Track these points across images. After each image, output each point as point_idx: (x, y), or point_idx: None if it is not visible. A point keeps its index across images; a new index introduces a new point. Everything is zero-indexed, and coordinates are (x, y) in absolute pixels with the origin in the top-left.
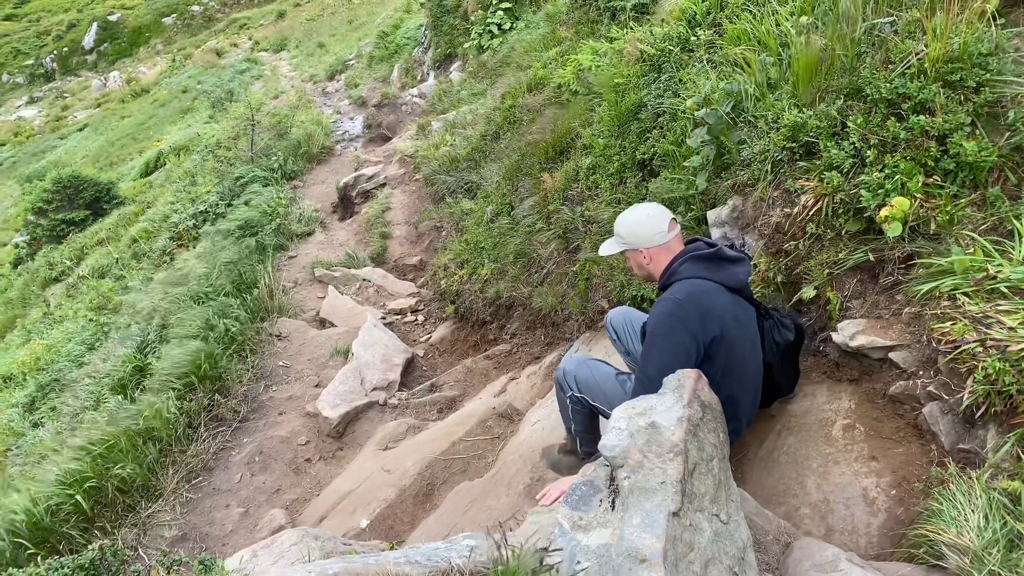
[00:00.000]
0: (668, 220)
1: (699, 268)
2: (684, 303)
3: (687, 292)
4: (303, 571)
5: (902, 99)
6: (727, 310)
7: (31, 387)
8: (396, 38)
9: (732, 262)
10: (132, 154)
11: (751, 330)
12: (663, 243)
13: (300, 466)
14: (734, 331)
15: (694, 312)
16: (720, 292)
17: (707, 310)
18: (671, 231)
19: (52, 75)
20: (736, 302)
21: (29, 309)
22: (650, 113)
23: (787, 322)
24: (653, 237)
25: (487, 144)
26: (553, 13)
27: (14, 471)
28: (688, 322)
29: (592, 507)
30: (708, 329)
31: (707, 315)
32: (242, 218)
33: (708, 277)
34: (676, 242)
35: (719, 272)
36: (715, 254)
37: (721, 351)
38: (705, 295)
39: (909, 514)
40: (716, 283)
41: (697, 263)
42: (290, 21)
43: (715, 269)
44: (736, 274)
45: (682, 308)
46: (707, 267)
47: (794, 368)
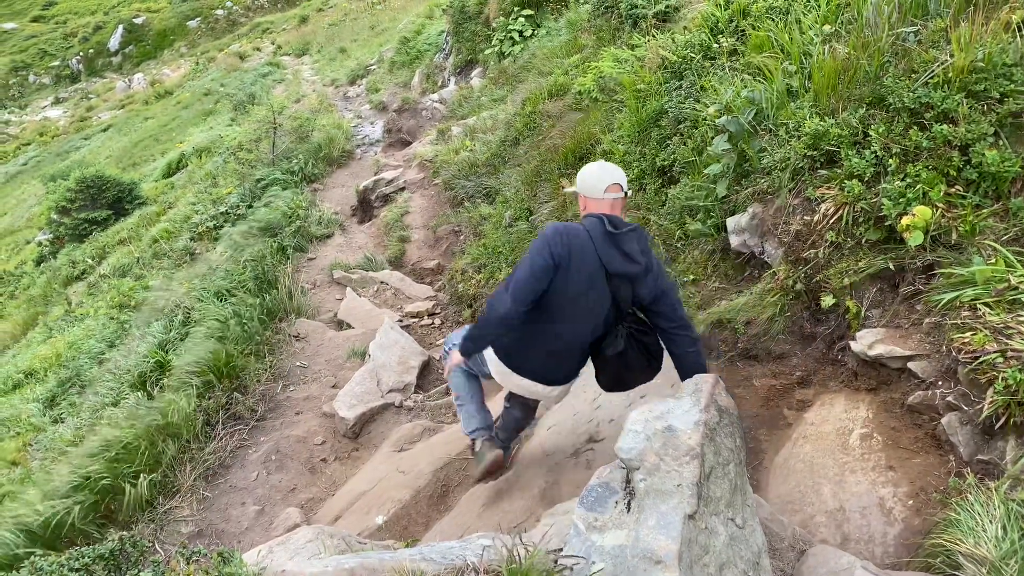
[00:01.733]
0: (609, 184)
1: (595, 228)
2: (557, 228)
3: (565, 225)
4: (320, 566)
5: (925, 108)
6: (587, 264)
7: (52, 383)
8: (417, 44)
9: (621, 252)
10: (155, 155)
11: (600, 305)
12: (596, 198)
13: (316, 466)
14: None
15: (559, 238)
16: (592, 252)
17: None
18: (607, 194)
19: (78, 76)
20: (600, 273)
21: (51, 306)
22: (671, 120)
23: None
24: (591, 190)
25: (506, 149)
26: (574, 20)
27: (35, 465)
28: (550, 242)
29: (608, 509)
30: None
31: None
32: (263, 219)
33: (592, 238)
34: (608, 204)
35: (602, 243)
36: (614, 234)
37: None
38: (576, 236)
39: (926, 524)
40: (593, 246)
41: (596, 223)
42: (312, 26)
43: (602, 239)
44: (614, 259)
45: (553, 231)
46: (599, 231)
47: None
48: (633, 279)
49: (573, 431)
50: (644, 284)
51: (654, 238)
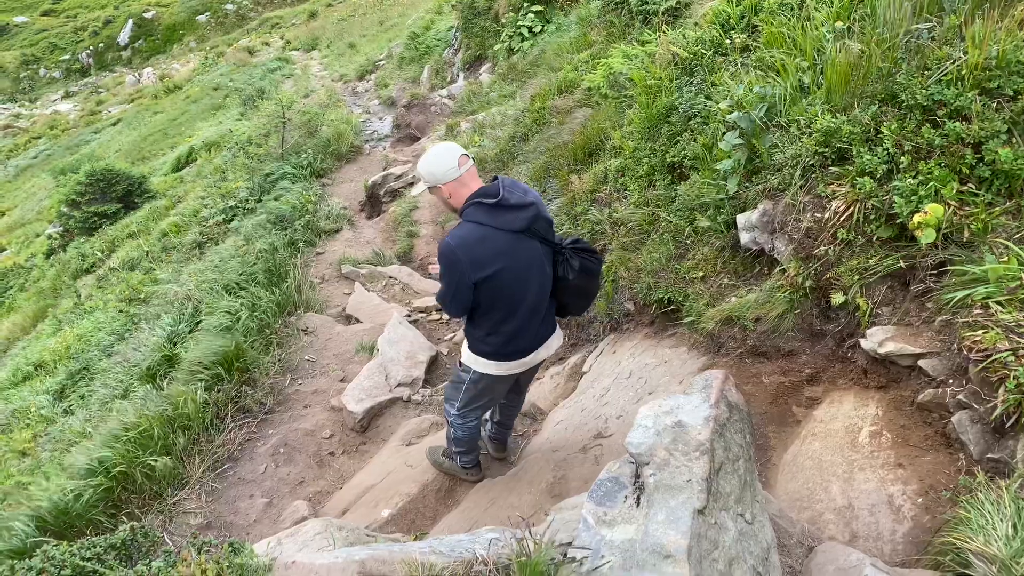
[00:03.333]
0: (457, 156)
1: (480, 214)
2: (456, 249)
3: (460, 239)
4: (330, 557)
5: (938, 106)
6: (501, 252)
7: (61, 375)
8: (427, 39)
9: (515, 208)
10: (164, 149)
11: (533, 264)
12: (456, 178)
13: (324, 459)
14: (508, 269)
15: (464, 258)
16: (496, 235)
17: (476, 257)
18: (462, 166)
19: (88, 70)
20: (516, 240)
21: (60, 299)
22: (681, 116)
23: (574, 261)
24: (447, 173)
25: (515, 145)
26: (584, 16)
27: (44, 456)
28: (457, 266)
29: (617, 503)
30: (475, 272)
31: (475, 261)
32: (274, 211)
33: (486, 223)
34: (470, 177)
35: (498, 218)
36: (496, 203)
37: (492, 285)
38: (478, 242)
39: (936, 522)
40: (494, 227)
41: (479, 209)
42: (321, 21)
43: (495, 215)
44: (517, 219)
45: (453, 254)
46: (487, 213)
47: (584, 296)
48: (536, 216)
49: (581, 427)
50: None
51: (664, 235)
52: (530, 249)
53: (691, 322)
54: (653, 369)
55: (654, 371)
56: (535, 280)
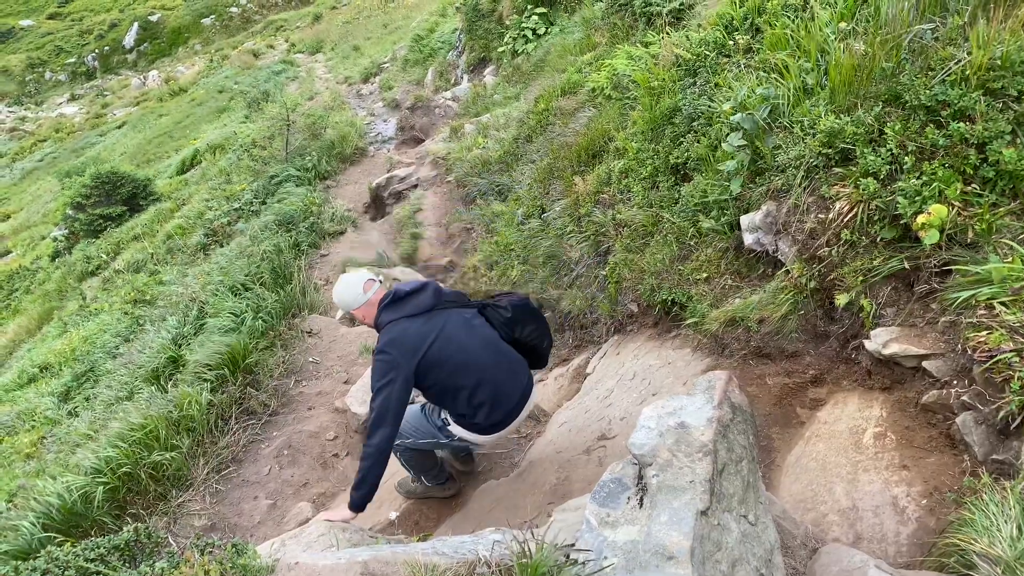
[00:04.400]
0: (363, 283)
1: (391, 312)
2: (385, 349)
3: (385, 343)
4: (333, 558)
5: (942, 106)
6: (424, 332)
7: (67, 377)
8: (431, 42)
9: (414, 293)
10: (169, 152)
11: (461, 328)
12: (365, 302)
13: (328, 461)
14: (440, 340)
15: (395, 353)
16: (412, 322)
17: (406, 347)
18: (367, 291)
19: (93, 73)
20: (433, 317)
21: (66, 301)
22: (685, 117)
23: (502, 302)
24: (356, 299)
25: (519, 147)
26: (588, 18)
27: (49, 458)
28: (392, 363)
29: (620, 504)
30: (410, 359)
31: (407, 351)
32: (279, 213)
33: (399, 316)
34: (377, 298)
35: (406, 307)
36: (394, 297)
37: (433, 362)
38: (400, 334)
39: (940, 524)
40: (407, 316)
41: (388, 309)
42: (326, 24)
43: (402, 307)
44: (421, 302)
45: (384, 355)
46: (396, 308)
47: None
48: (438, 287)
49: (585, 428)
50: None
51: (668, 236)
52: (450, 317)
53: (695, 323)
54: (657, 370)
55: (658, 372)
56: (475, 340)
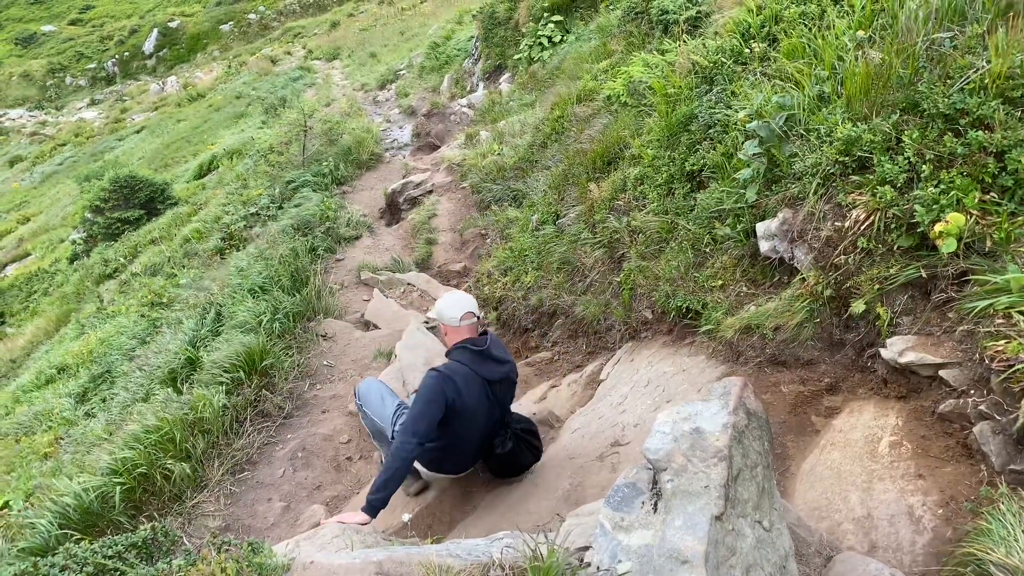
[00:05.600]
0: (463, 312)
1: (466, 357)
2: (443, 379)
3: (449, 370)
4: (348, 558)
5: (960, 114)
6: (472, 393)
7: (83, 378)
8: (447, 49)
9: (496, 361)
10: (186, 157)
11: (485, 417)
12: (454, 327)
13: (341, 464)
14: (471, 409)
15: (450, 387)
16: (475, 380)
17: (457, 388)
18: (463, 321)
19: (113, 79)
20: (485, 393)
21: (83, 304)
22: (701, 125)
23: (508, 444)
24: (448, 320)
25: (534, 154)
26: (604, 26)
27: (66, 458)
28: (441, 393)
29: (634, 508)
30: (452, 399)
31: (456, 391)
32: (296, 217)
33: (470, 367)
34: (467, 330)
35: (481, 366)
36: (482, 352)
37: (455, 416)
38: (460, 377)
39: (956, 534)
40: (474, 372)
41: (466, 352)
42: (343, 31)
43: (478, 362)
44: (496, 371)
45: (440, 382)
46: (472, 358)
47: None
48: (507, 376)
49: (598, 434)
50: (514, 376)
51: (683, 243)
52: (490, 400)
53: (709, 330)
54: (671, 377)
55: (672, 379)
56: (487, 423)
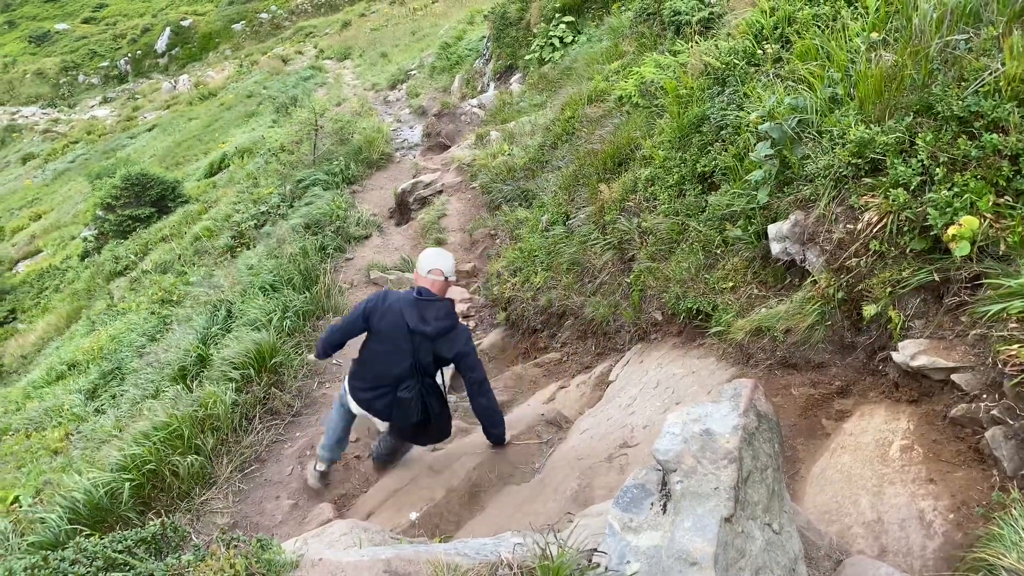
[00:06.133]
0: (431, 267)
1: (402, 295)
2: (371, 298)
3: (380, 295)
4: (356, 556)
5: (975, 117)
6: (387, 321)
7: (94, 374)
8: (458, 49)
9: (421, 317)
10: (197, 155)
11: (396, 354)
12: (421, 275)
13: (349, 462)
14: (383, 333)
15: (371, 305)
16: (394, 313)
17: (377, 308)
18: (429, 274)
19: (125, 77)
20: (402, 332)
21: (94, 300)
22: (713, 126)
23: (408, 392)
24: (419, 267)
25: (544, 154)
26: (616, 27)
27: (76, 453)
28: (364, 308)
29: (643, 509)
30: (369, 314)
31: (374, 309)
32: (306, 216)
33: (398, 302)
34: (426, 281)
35: (407, 308)
36: (416, 300)
37: (371, 334)
38: (385, 303)
39: (967, 539)
40: (399, 309)
41: (407, 293)
42: (355, 31)
43: (407, 304)
44: (416, 322)
45: (367, 301)
46: (404, 298)
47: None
48: (428, 338)
49: (607, 436)
50: (441, 345)
51: (694, 244)
52: (405, 342)
53: (720, 332)
54: (681, 379)
55: (682, 381)
56: (395, 360)
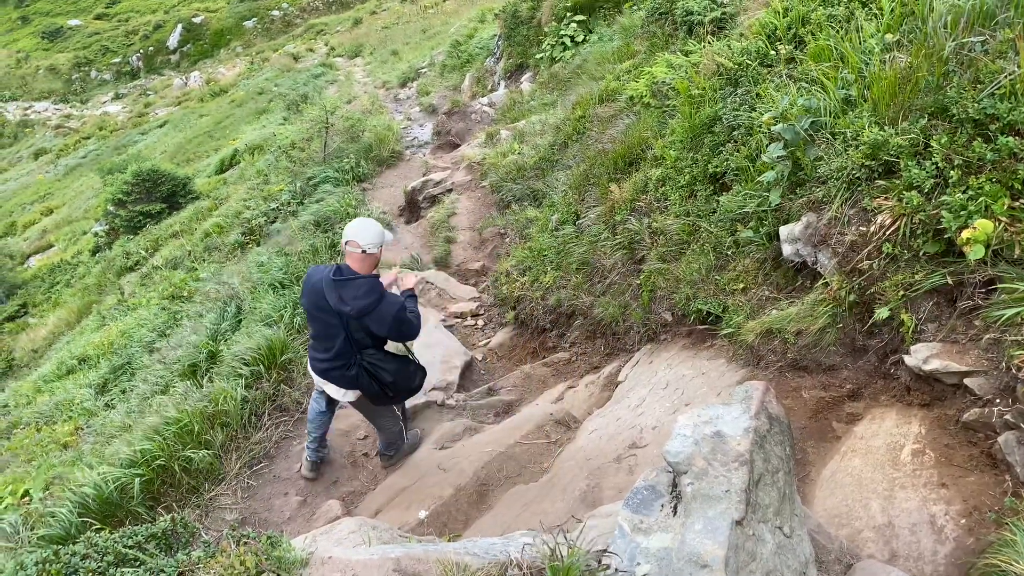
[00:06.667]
0: (345, 239)
1: (325, 272)
2: (307, 274)
3: (311, 271)
4: (366, 554)
5: (990, 120)
6: (309, 300)
7: (104, 369)
8: (469, 48)
9: (339, 297)
10: (208, 151)
11: (325, 328)
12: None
13: (358, 460)
14: (308, 310)
15: (305, 282)
16: (315, 292)
17: (307, 287)
18: (347, 247)
19: (137, 73)
20: (324, 307)
21: (104, 295)
22: (725, 127)
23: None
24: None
25: (555, 153)
26: (628, 26)
27: (86, 448)
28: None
29: (653, 511)
30: (303, 291)
31: (306, 288)
32: (316, 213)
33: (319, 280)
34: (348, 255)
35: (328, 288)
36: (334, 279)
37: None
38: (308, 281)
39: (979, 544)
40: (321, 287)
41: (327, 272)
42: (366, 28)
43: (328, 283)
44: (334, 299)
45: (306, 276)
46: (326, 276)
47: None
48: (341, 311)
49: (616, 436)
50: (369, 323)
51: (704, 245)
52: (332, 319)
53: (730, 334)
54: (690, 380)
55: (691, 382)
56: (327, 336)
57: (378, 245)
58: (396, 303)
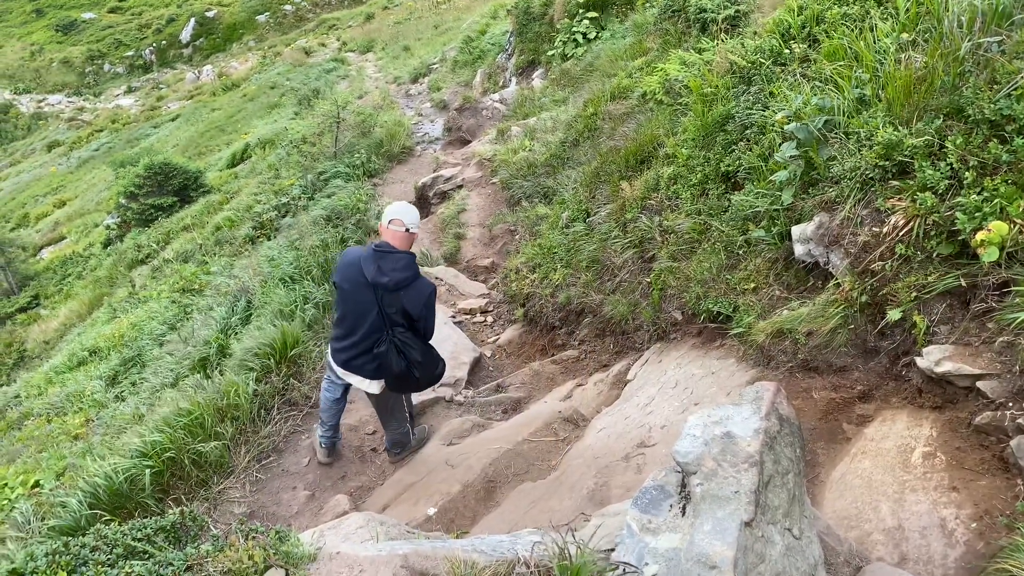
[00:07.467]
0: (391, 217)
1: (363, 249)
2: (341, 256)
3: (346, 251)
4: (374, 550)
5: (1006, 121)
6: (348, 277)
7: (114, 361)
8: (481, 44)
9: (379, 268)
10: (220, 145)
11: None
12: (383, 227)
13: (366, 455)
14: (346, 290)
15: (338, 264)
16: (354, 267)
17: (339, 266)
18: (391, 225)
19: (150, 67)
20: (363, 284)
21: (116, 288)
22: (737, 125)
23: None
24: (384, 220)
25: (566, 151)
26: (640, 23)
27: (96, 439)
28: (336, 267)
29: (662, 511)
30: (335, 274)
31: (336, 269)
32: (327, 208)
33: (358, 258)
34: (387, 233)
35: (367, 261)
36: (375, 251)
37: (339, 291)
38: (345, 259)
39: (990, 548)
40: (359, 263)
41: (368, 248)
42: (378, 23)
43: (367, 258)
44: (374, 274)
45: (339, 258)
46: (364, 253)
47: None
48: (387, 289)
49: (624, 435)
50: (404, 298)
51: (715, 244)
52: (368, 296)
53: (740, 334)
54: (700, 380)
55: (701, 382)
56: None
57: (417, 225)
58: (430, 285)
